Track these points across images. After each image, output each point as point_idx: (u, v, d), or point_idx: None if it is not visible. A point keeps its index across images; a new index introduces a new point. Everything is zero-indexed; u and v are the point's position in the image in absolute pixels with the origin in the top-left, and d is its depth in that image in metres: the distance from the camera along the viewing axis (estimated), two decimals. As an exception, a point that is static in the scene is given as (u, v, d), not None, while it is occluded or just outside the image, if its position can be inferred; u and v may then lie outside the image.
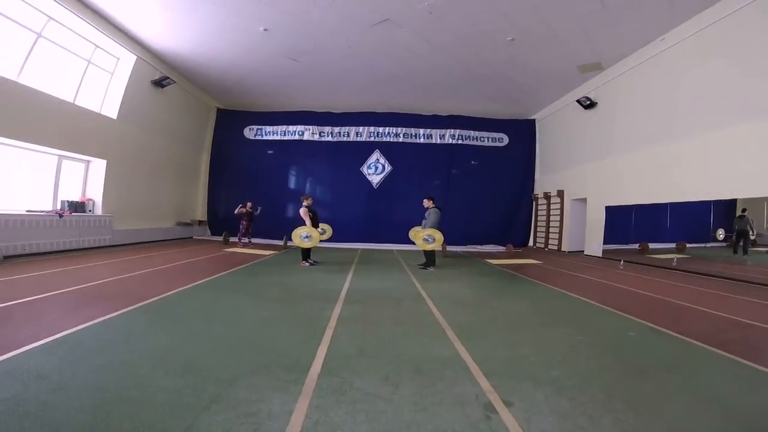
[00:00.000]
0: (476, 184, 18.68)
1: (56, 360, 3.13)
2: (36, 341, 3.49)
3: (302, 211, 9.86)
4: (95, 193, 12.24)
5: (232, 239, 14.99)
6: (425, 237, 9.37)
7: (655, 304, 6.30)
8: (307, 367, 3.22)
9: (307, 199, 10.08)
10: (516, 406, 2.68)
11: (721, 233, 11.76)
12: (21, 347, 3.32)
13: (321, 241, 10.33)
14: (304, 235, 9.41)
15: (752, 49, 8.66)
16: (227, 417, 2.40)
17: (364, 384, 2.96)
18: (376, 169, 18.73)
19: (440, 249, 10.99)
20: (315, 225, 9.85)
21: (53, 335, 3.67)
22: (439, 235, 9.42)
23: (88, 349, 3.40)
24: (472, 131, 18.85)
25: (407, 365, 3.36)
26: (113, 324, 4.22)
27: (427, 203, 10.29)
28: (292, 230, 9.79)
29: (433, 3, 9.74)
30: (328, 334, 4.18)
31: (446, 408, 2.63)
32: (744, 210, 10.82)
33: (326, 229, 11.65)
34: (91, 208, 11.94)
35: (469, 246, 17.37)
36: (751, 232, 10.88)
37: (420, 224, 10.47)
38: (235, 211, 14.14)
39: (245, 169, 18.79)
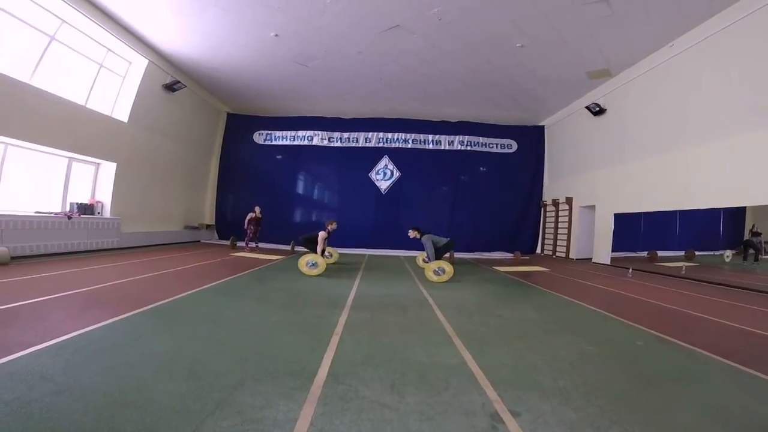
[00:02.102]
0: (484, 190, 18.67)
1: (61, 362, 3.13)
2: (41, 343, 3.49)
3: (321, 235, 9.70)
4: (104, 195, 12.32)
5: (240, 244, 15.02)
6: (435, 270, 9.29)
7: (663, 313, 6.24)
8: (313, 374, 3.20)
9: (331, 224, 10.03)
10: (523, 416, 2.65)
11: (728, 255, 11.69)
12: (26, 348, 3.33)
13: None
14: (311, 263, 9.30)
15: (763, 53, 8.59)
16: (232, 423, 2.39)
17: (369, 392, 2.94)
18: (384, 175, 18.74)
19: (448, 257, 10.94)
20: (323, 249, 9.80)
21: (59, 337, 3.68)
22: (449, 268, 9.33)
23: (93, 352, 3.40)
24: (480, 137, 18.84)
25: (413, 373, 3.33)
26: (119, 327, 4.22)
27: (412, 234, 10.22)
28: (300, 235, 9.77)
29: (444, 10, 9.76)
30: (335, 340, 4.16)
31: (452, 417, 2.61)
32: (754, 227, 10.74)
33: (332, 252, 11.61)
34: (99, 211, 12.02)
35: (476, 253, 17.28)
36: (760, 251, 10.83)
37: (421, 248, 10.36)
38: (246, 220, 14.24)
39: (254, 173, 18.85)
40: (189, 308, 5.34)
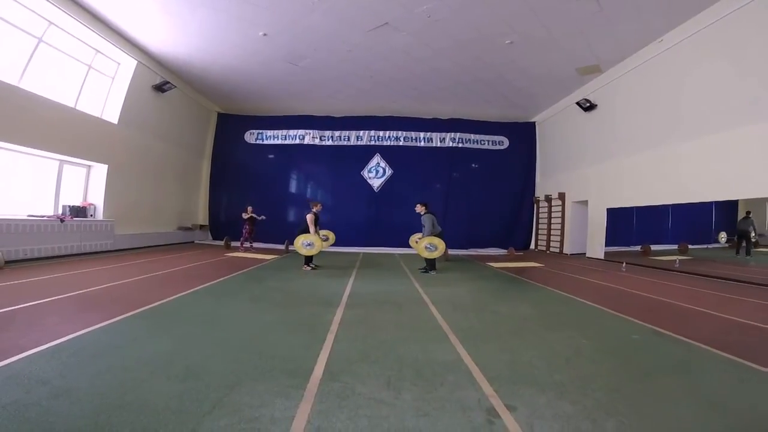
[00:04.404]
0: (477, 187, 18.73)
1: (58, 365, 3.12)
2: (37, 346, 3.48)
3: (309, 217, 9.74)
4: (96, 197, 12.23)
5: (234, 244, 14.97)
6: (427, 245, 9.29)
7: (658, 307, 6.28)
8: (309, 372, 3.21)
9: (316, 205, 10.03)
10: (519, 410, 2.66)
11: (723, 237, 11.76)
12: (22, 352, 3.31)
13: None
14: (306, 243, 9.34)
15: (752, 48, 8.65)
16: (229, 422, 2.39)
17: (366, 389, 2.94)
18: (376, 173, 18.76)
19: (442, 254, 10.96)
20: (316, 229, 9.77)
21: (55, 340, 3.66)
22: (441, 244, 9.36)
23: (89, 355, 3.39)
24: (472, 134, 18.90)
25: (409, 370, 3.34)
26: (115, 329, 4.21)
27: (419, 209, 10.16)
28: (294, 235, 9.76)
29: (432, 7, 9.75)
30: (330, 338, 4.17)
31: (448, 413, 2.62)
32: (748, 213, 10.81)
33: (329, 235, 11.60)
34: (92, 213, 11.92)
35: (470, 249, 17.35)
36: (753, 234, 10.87)
37: (420, 230, 10.36)
38: (244, 216, 14.20)
39: (246, 173, 18.82)
40: (184, 309, 5.33)
